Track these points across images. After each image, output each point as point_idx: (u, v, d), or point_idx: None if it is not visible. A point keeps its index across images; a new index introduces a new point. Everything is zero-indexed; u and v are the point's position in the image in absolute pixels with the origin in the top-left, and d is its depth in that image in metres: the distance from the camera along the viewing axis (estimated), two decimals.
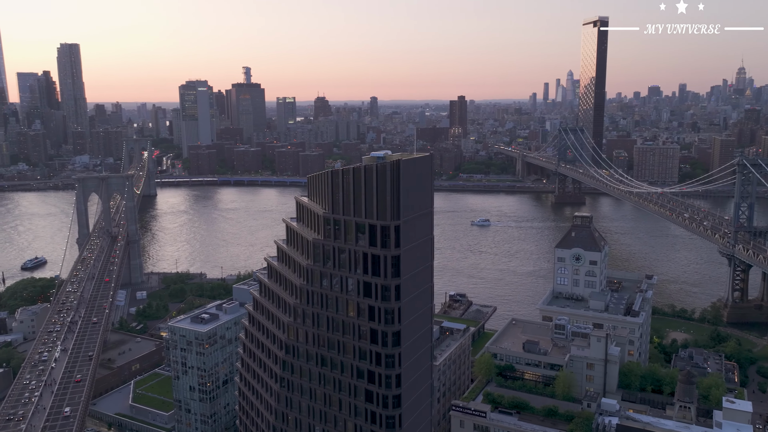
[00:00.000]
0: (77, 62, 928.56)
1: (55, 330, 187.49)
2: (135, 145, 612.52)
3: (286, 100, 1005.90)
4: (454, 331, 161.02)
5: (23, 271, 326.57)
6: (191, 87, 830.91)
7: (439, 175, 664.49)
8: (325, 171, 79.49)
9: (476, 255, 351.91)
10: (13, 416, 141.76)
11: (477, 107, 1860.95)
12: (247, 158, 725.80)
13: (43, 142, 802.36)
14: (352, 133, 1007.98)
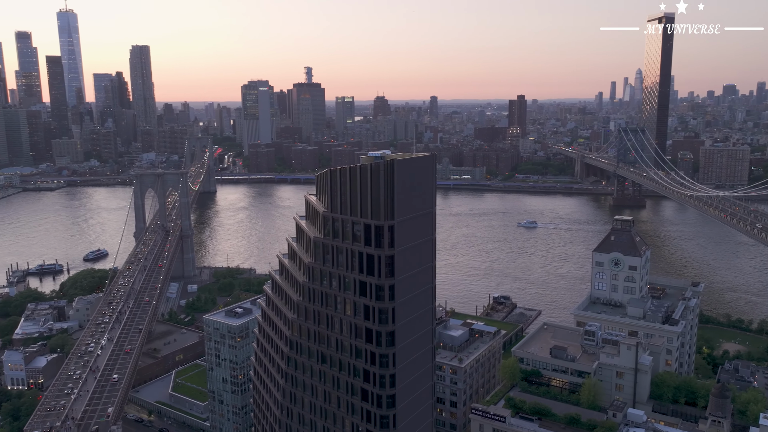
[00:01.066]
0: (147, 63, 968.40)
1: (103, 321, 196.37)
2: (197, 143, 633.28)
3: (344, 99, 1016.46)
4: (483, 334, 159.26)
5: (85, 262, 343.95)
6: (253, 87, 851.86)
7: (495, 176, 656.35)
8: (326, 170, 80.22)
9: (524, 257, 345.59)
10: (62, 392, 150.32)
11: (540, 107, 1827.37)
12: (304, 157, 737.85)
13: (114, 140, 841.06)
14: (409, 132, 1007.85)
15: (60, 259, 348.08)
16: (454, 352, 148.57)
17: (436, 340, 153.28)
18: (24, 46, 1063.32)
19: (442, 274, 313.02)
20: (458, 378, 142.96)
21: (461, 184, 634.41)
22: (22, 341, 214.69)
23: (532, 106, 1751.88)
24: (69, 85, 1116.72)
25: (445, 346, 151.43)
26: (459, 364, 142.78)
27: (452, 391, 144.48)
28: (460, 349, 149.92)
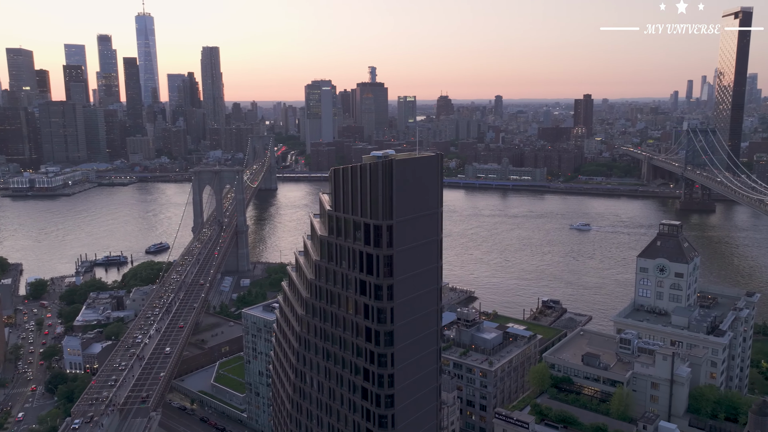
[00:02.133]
0: (217, 64, 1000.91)
1: (153, 313, 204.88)
2: (259, 142, 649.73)
3: (406, 99, 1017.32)
4: (518, 338, 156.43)
5: (147, 254, 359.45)
6: (316, 87, 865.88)
7: (556, 177, 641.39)
8: (332, 168, 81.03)
9: (578, 261, 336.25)
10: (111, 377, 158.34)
11: (610, 106, 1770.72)
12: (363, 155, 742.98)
13: (184, 138, 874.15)
14: (472, 132, 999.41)
15: (125, 251, 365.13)
16: (485, 354, 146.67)
17: (469, 342, 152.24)
18: (105, 49, 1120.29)
19: (492, 276, 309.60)
20: (488, 381, 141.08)
21: (520, 184, 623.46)
22: (82, 328, 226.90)
23: (602, 106, 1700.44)
24: (145, 85, 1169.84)
25: (477, 349, 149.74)
26: (489, 368, 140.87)
27: (482, 394, 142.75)
28: (493, 352, 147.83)
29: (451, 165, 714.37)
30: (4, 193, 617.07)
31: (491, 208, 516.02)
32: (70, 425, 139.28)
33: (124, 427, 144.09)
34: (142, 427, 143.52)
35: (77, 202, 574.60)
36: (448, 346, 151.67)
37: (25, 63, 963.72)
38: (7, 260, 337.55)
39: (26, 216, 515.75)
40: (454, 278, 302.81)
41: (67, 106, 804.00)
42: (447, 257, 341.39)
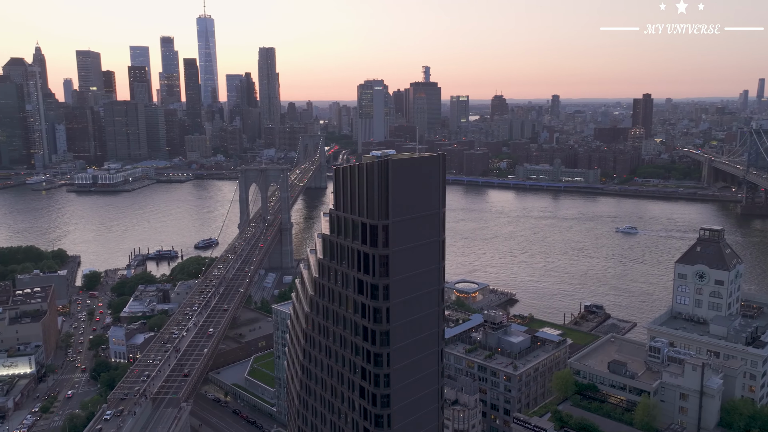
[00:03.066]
0: (272, 64, 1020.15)
1: (192, 307, 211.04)
2: (310, 141, 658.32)
3: (459, 98, 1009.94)
4: (546, 342, 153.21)
5: (196, 249, 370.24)
6: (368, 86, 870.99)
7: (611, 179, 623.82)
8: (334, 167, 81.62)
9: (625, 265, 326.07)
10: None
11: (674, 106, 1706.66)
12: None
13: (239, 137, 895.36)
14: (526, 132, 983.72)
15: (176, 245, 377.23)
16: (511, 358, 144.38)
17: (495, 345, 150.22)
18: (167, 50, 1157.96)
19: (535, 280, 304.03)
20: (512, 385, 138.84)
21: (573, 186, 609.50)
22: (128, 319, 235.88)
23: (665, 105, 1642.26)
24: (205, 85, 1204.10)
25: (503, 352, 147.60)
26: (513, 372, 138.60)
27: (506, 398, 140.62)
28: (519, 356, 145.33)
29: (502, 165, 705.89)
30: (70, 188, 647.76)
31: (540, 209, 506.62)
32: (104, 413, 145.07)
33: (155, 416, 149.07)
34: (172, 416, 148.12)
35: (136, 198, 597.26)
36: (473, 348, 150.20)
37: (92, 64, 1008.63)
38: (66, 252, 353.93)
39: (88, 211, 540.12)
40: (496, 280, 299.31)
41: (130, 106, 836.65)
42: (491, 259, 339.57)
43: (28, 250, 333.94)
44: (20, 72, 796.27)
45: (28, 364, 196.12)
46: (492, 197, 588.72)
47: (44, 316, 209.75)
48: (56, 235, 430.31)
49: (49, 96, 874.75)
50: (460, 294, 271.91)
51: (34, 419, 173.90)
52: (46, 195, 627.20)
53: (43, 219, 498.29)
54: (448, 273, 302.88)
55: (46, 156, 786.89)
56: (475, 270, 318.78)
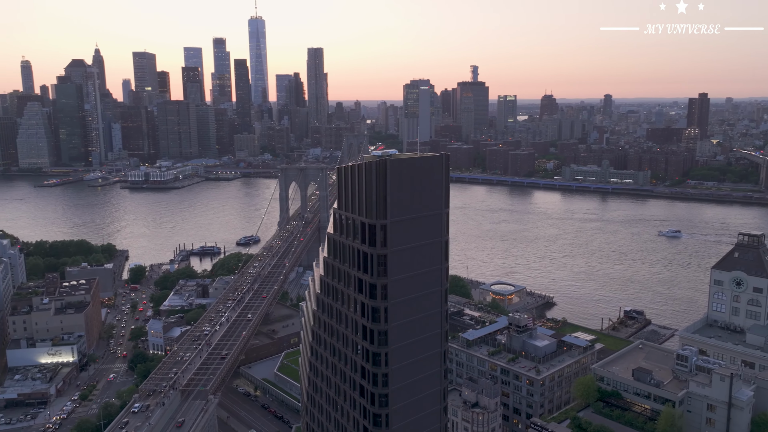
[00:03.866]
0: (320, 65, 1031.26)
1: (226, 305, 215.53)
2: (354, 140, 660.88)
3: (506, 98, 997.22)
4: (573, 347, 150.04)
5: (237, 246, 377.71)
6: (414, 86, 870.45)
7: (662, 181, 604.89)
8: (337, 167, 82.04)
9: (669, 270, 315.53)
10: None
11: (735, 105, 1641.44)
12: (458, 155, 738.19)
13: (287, 136, 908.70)
14: (576, 132, 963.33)
15: (219, 242, 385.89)
16: (534, 362, 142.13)
17: (519, 349, 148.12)
18: (219, 51, 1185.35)
19: (574, 283, 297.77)
20: (534, 390, 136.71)
21: (621, 188, 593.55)
22: (167, 312, 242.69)
23: (725, 105, 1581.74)
24: (255, 85, 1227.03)
25: (527, 356, 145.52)
26: (536, 376, 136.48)
27: (528, 402, 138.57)
28: (543, 360, 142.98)
29: (548, 166, 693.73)
30: (123, 185, 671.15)
31: (585, 211, 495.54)
32: (134, 403, 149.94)
33: (183, 408, 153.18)
34: (199, 408, 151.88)
35: (185, 195, 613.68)
36: (497, 351, 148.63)
37: (148, 65, 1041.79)
38: (115, 246, 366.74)
39: (139, 207, 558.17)
40: (533, 283, 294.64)
41: (182, 105, 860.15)
42: (530, 261, 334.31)
43: (79, 243, 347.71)
44: (80, 73, 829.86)
45: (70, 353, 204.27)
46: (537, 198, 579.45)
47: (87, 307, 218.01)
48: (108, 230, 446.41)
49: (106, 96, 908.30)
50: (495, 296, 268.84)
51: (73, 406, 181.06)
52: (101, 191, 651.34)
53: (97, 214, 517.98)
54: (485, 274, 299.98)
55: (102, 154, 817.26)
56: (513, 272, 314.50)
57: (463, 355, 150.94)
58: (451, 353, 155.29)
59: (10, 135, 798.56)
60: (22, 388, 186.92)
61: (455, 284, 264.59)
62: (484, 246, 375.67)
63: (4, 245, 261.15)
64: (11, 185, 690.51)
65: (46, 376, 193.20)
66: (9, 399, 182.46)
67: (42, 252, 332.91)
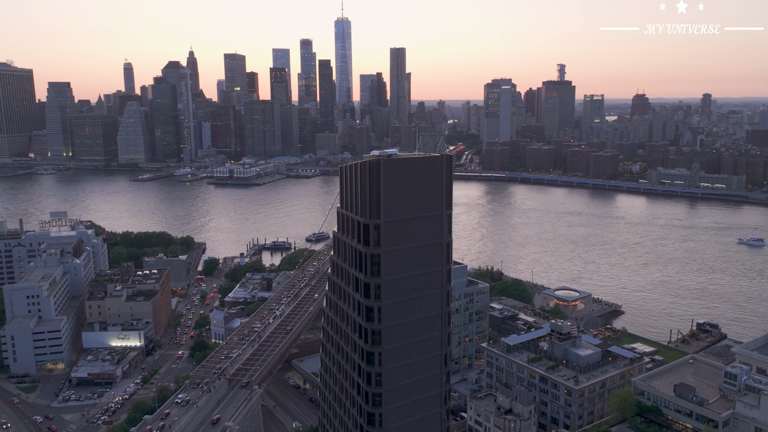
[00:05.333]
0: (402, 64, 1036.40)
1: (282, 299, 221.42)
2: (430, 140, 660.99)
3: (593, 97, 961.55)
4: (619, 358, 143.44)
5: (306, 242, 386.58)
6: (495, 85, 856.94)
7: (759, 186, 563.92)
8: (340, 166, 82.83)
9: (752, 282, 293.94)
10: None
11: None
12: (539, 156, 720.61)
13: (367, 135, 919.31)
14: (668, 133, 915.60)
15: (291, 237, 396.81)
16: (575, 372, 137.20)
17: (561, 357, 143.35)
18: (306, 52, 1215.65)
19: (646, 291, 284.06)
20: (572, 400, 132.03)
21: (712, 193, 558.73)
22: (231, 303, 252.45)
23: None
24: (340, 85, 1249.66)
25: (568, 364, 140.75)
26: (574, 386, 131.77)
27: (566, 413, 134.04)
28: (585, 370, 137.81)
29: (633, 169, 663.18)
30: (210, 181, 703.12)
31: (669, 217, 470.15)
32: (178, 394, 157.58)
33: (229, 396, 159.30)
34: (243, 397, 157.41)
35: (265, 192, 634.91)
36: (538, 358, 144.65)
37: (238, 66, 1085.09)
38: (193, 239, 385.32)
39: (221, 202, 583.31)
40: (601, 290, 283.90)
41: (267, 105, 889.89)
42: (599, 267, 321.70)
43: (161, 235, 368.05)
44: (175, 74, 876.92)
45: (138, 338, 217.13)
46: (619, 202, 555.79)
47: (155, 295, 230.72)
48: (190, 224, 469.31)
49: (198, 95, 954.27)
50: (559, 302, 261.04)
51: (135, 388, 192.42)
52: (189, 186, 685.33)
53: (182, 208, 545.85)
54: (551, 279, 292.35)
55: (193, 150, 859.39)
56: (581, 278, 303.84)
57: (503, 360, 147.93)
58: (491, 357, 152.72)
59: (111, 132, 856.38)
60: (92, 368, 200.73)
61: (515, 288, 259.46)
62: (554, 250, 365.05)
63: (89, 235, 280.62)
64: (110, 179, 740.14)
65: (114, 358, 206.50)
66: (80, 378, 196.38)
67: (127, 242, 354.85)
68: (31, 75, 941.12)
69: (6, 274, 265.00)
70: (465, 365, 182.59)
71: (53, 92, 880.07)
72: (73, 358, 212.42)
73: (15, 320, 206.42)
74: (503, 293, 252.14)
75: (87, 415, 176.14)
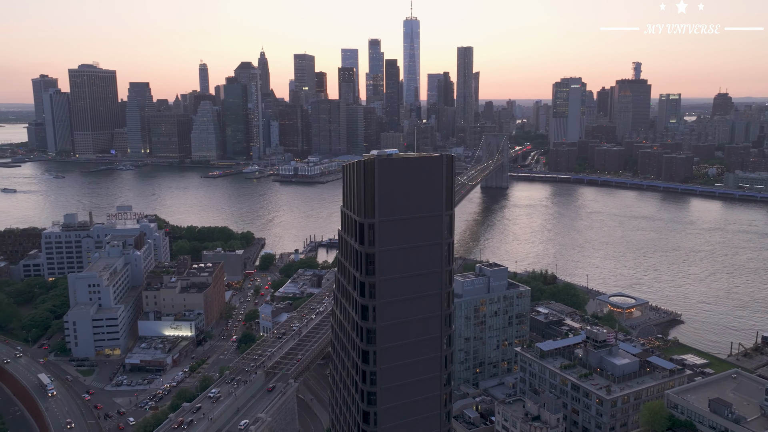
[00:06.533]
0: (470, 64, 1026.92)
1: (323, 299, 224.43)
2: (493, 140, 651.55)
3: (669, 97, 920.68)
4: (658, 369, 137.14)
5: None
6: (564, 84, 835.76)
7: None
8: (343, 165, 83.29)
9: None
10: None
11: None
12: (607, 157, 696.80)
13: (431, 135, 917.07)
14: (751, 135, 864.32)
15: None
16: (609, 381, 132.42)
17: (595, 365, 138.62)
18: (374, 52, 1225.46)
19: (709, 301, 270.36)
20: (604, 410, 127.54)
21: None
22: (280, 298, 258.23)
23: None
24: (408, 84, 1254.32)
25: (602, 373, 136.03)
26: (605, 395, 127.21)
27: (597, 423, 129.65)
28: (620, 380, 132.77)
29: (710, 172, 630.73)
30: (275, 178, 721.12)
31: (745, 223, 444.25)
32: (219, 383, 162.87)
33: (264, 388, 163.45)
34: (278, 390, 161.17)
35: (328, 190, 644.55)
36: (571, 365, 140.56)
37: (307, 66, 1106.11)
38: (253, 234, 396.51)
39: (285, 199, 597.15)
40: (661, 297, 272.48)
41: (333, 104, 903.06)
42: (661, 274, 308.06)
43: (222, 230, 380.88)
44: (246, 74, 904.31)
45: (189, 329, 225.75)
46: (690, 207, 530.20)
47: (207, 288, 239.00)
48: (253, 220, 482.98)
49: (268, 95, 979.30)
50: (613, 308, 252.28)
51: (183, 376, 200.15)
52: (256, 183, 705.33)
53: (246, 204, 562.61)
54: (607, 284, 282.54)
55: (261, 149, 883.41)
56: (639, 284, 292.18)
57: (536, 366, 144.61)
58: (525, 362, 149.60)
59: (186, 131, 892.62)
60: (144, 355, 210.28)
61: (566, 292, 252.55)
62: (613, 254, 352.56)
63: (151, 228, 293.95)
64: (183, 175, 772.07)
65: (165, 346, 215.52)
66: (133, 364, 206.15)
67: (191, 236, 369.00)
68: (115, 76, 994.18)
69: (76, 263, 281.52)
70: (504, 369, 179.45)
71: (133, 92, 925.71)
72: (130, 345, 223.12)
73: (77, 307, 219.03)
74: (553, 297, 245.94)
75: (135, 399, 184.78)
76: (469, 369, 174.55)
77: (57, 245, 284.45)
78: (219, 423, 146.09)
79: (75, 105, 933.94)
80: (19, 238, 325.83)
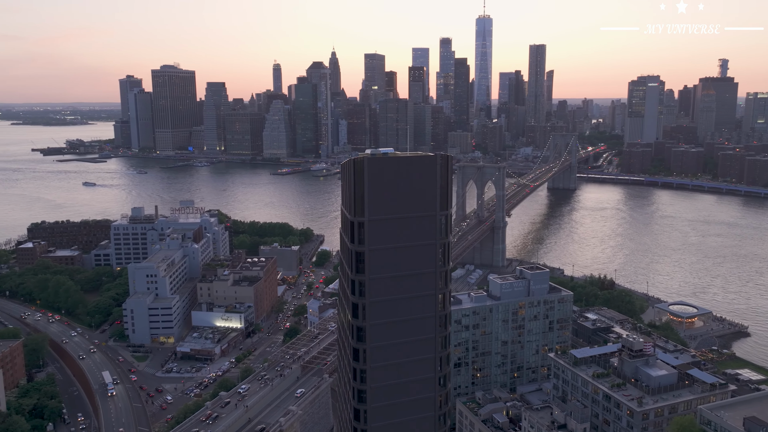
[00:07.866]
0: (542, 62, 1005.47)
1: None
2: (561, 140, 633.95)
3: (757, 95, 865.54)
4: (697, 382, 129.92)
5: None
6: (641, 83, 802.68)
7: None
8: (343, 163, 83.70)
9: None
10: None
11: None
12: (685, 159, 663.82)
13: (500, 134, 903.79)
14: None
15: None
16: (642, 392, 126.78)
17: (630, 375, 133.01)
18: (445, 51, 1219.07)
19: None
20: (635, 423, 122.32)
21: None
22: (329, 294, 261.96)
23: None
24: (479, 83, 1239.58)
25: (637, 384, 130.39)
26: (636, 407, 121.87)
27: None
28: (654, 392, 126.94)
29: None
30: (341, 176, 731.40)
31: None
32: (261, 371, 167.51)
33: (299, 381, 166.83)
34: (312, 384, 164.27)
35: None
36: (605, 374, 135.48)
37: (377, 66, 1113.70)
38: (312, 231, 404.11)
39: None
40: (727, 308, 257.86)
41: (401, 103, 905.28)
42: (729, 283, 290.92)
43: (282, 226, 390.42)
44: (317, 74, 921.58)
45: (239, 320, 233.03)
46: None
47: (258, 282, 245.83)
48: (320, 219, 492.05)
49: (338, 94, 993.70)
50: (673, 317, 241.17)
51: (229, 366, 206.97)
52: (322, 181, 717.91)
53: (310, 201, 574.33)
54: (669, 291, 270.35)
55: (329, 147, 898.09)
56: (704, 293, 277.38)
57: (569, 373, 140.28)
58: (558, 369, 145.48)
59: (258, 129, 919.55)
60: (195, 344, 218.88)
61: (621, 299, 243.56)
62: (679, 260, 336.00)
63: (211, 222, 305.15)
64: (254, 172, 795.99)
65: (215, 337, 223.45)
66: (184, 352, 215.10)
67: (252, 231, 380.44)
68: (194, 76, 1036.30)
69: (141, 253, 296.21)
70: (543, 375, 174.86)
71: (210, 91, 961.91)
72: (184, 335, 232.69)
73: (135, 296, 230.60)
74: (606, 304, 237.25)
75: (182, 386, 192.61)
76: (506, 373, 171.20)
77: (124, 237, 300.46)
78: (251, 413, 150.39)
79: (157, 104, 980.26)
80: (93, 229, 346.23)
